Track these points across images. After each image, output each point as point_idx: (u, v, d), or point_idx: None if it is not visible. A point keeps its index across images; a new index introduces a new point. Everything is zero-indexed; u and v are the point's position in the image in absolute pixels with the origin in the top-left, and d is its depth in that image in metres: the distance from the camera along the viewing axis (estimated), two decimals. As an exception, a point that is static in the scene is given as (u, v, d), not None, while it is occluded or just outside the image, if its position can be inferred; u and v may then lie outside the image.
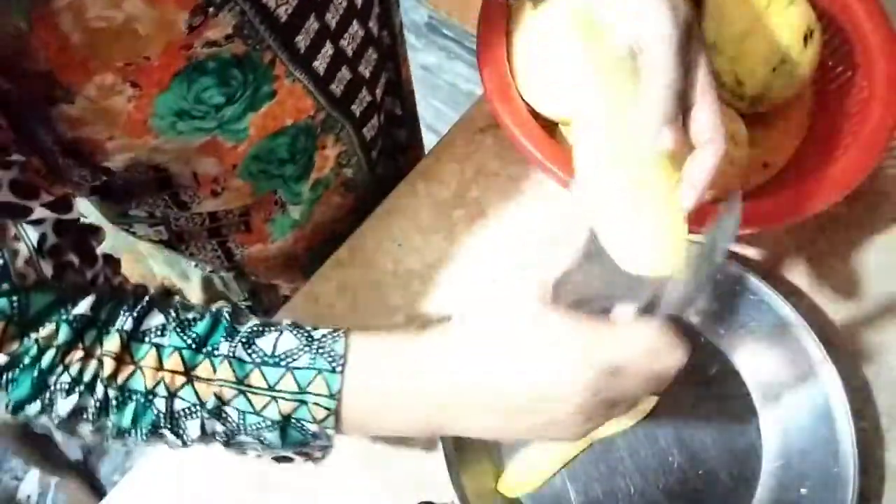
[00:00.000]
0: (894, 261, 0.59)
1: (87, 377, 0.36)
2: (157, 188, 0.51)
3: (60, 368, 0.36)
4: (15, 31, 0.33)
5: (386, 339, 0.40)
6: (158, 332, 0.38)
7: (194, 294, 0.68)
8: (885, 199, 0.61)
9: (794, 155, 0.59)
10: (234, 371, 0.37)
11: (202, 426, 0.38)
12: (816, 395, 0.50)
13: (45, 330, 0.36)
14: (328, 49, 0.49)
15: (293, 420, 0.38)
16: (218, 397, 0.37)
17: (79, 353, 0.36)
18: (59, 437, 1.43)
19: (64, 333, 0.36)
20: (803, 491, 0.49)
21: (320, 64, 0.48)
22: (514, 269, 0.37)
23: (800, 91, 0.53)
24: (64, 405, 0.36)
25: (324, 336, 0.38)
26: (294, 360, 0.38)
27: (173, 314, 0.39)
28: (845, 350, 0.55)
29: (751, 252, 0.59)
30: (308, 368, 0.37)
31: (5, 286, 0.34)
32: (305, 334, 0.39)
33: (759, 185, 0.59)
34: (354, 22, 0.51)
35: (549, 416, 0.36)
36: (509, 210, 0.62)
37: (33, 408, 0.37)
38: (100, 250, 0.41)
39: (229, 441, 0.39)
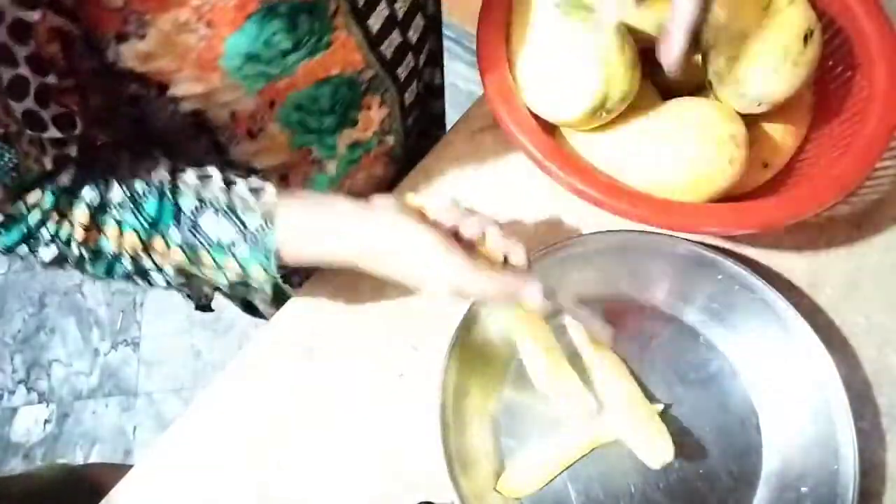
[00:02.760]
0: (894, 261, 0.59)
1: (63, 236, 0.43)
2: (195, 132, 0.52)
3: (42, 225, 0.43)
4: None
5: (307, 215, 0.47)
6: (118, 206, 0.44)
7: None
8: (885, 199, 0.61)
9: (794, 155, 0.59)
10: (185, 254, 0.45)
11: (167, 281, 0.47)
12: (816, 395, 0.50)
13: (34, 196, 0.42)
14: (383, 9, 0.50)
15: (241, 282, 0.48)
16: (175, 267, 0.46)
17: (56, 216, 0.43)
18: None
19: (48, 200, 0.42)
20: (803, 490, 0.49)
21: (374, 23, 0.50)
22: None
23: (800, 91, 0.53)
24: (46, 253, 0.44)
25: (257, 230, 0.45)
26: (234, 247, 0.45)
27: (127, 191, 0.45)
28: (845, 350, 0.55)
29: (751, 252, 0.59)
30: (248, 257, 0.46)
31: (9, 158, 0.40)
32: (240, 223, 0.45)
33: (759, 185, 0.59)
34: None
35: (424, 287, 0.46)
36: (509, 210, 0.62)
37: (21, 250, 0.44)
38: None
39: (191, 286, 0.49)
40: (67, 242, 0.44)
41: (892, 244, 0.59)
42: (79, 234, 0.43)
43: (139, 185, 0.45)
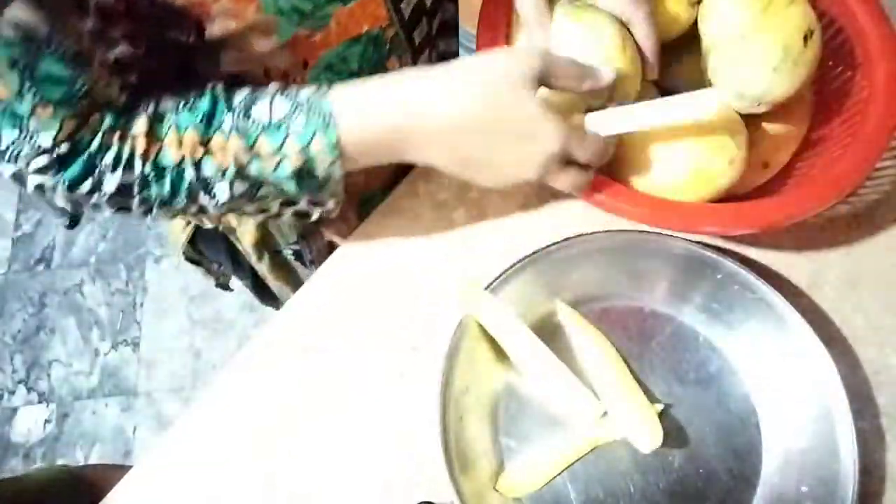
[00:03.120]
0: (894, 261, 0.59)
1: (125, 155, 0.43)
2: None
3: (104, 150, 0.43)
4: None
5: (368, 85, 0.45)
6: (173, 111, 0.44)
7: (248, 232, 0.70)
8: (885, 199, 0.61)
9: (794, 155, 0.59)
10: (242, 142, 0.44)
11: (230, 187, 0.45)
12: (816, 394, 0.50)
13: (95, 118, 0.42)
14: None
15: (305, 171, 0.45)
16: (236, 163, 0.44)
17: (117, 135, 0.43)
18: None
19: (108, 121, 0.42)
20: (804, 489, 0.49)
21: None
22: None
23: (800, 91, 0.53)
24: (110, 182, 0.43)
25: (309, 98, 0.44)
26: (290, 123, 0.44)
27: (181, 98, 0.45)
28: (845, 350, 0.55)
29: (751, 252, 0.59)
30: (304, 129, 0.44)
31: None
32: (293, 97, 0.44)
33: (759, 185, 0.59)
34: None
35: (511, 175, 0.47)
36: (509, 210, 0.62)
37: (85, 186, 0.43)
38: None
39: (254, 196, 0.47)
40: (130, 162, 0.43)
41: (892, 244, 0.59)
42: (140, 146, 0.43)
43: (193, 93, 0.45)
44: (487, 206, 0.62)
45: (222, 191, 0.45)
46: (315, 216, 0.51)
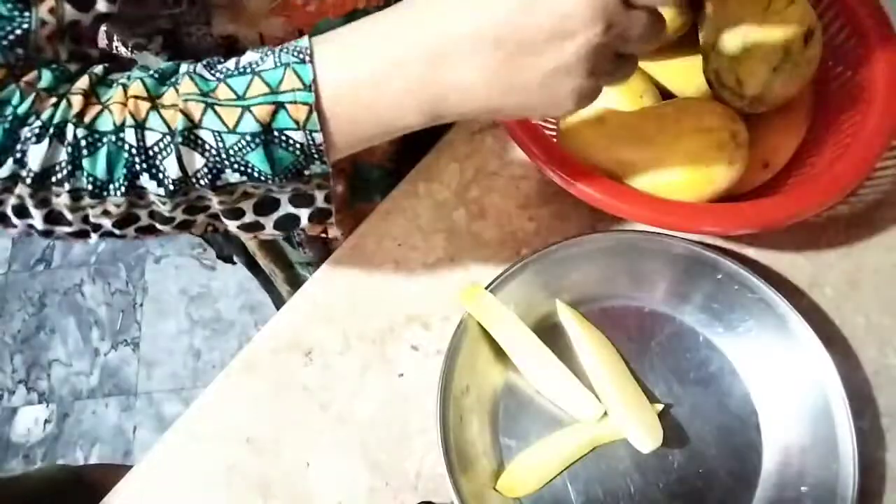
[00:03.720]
0: (894, 261, 0.59)
1: (56, 119, 0.35)
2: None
3: (33, 118, 0.35)
4: None
5: (350, 26, 0.37)
6: (126, 77, 0.37)
7: None
8: (885, 199, 0.61)
9: (794, 155, 0.59)
10: (196, 85, 0.36)
11: (179, 160, 0.36)
12: (816, 394, 0.50)
13: (30, 75, 0.35)
14: None
15: (275, 131, 0.36)
16: (185, 115, 0.35)
17: (52, 100, 0.35)
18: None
19: (46, 79, 0.35)
20: (803, 490, 0.49)
21: None
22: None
23: (800, 91, 0.53)
24: (35, 154, 0.34)
25: (284, 45, 0.37)
26: (259, 65, 0.36)
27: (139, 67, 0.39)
28: (845, 350, 0.55)
29: (751, 252, 0.59)
30: (275, 67, 0.35)
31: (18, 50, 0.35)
32: (265, 50, 0.37)
33: (759, 185, 0.59)
34: None
35: (555, 58, 0.33)
36: (509, 210, 0.62)
37: (5, 168, 0.35)
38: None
39: (216, 181, 0.37)
40: (61, 129, 0.35)
41: (892, 244, 0.59)
42: (76, 104, 0.35)
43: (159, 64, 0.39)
44: (487, 206, 0.62)
45: (170, 166, 0.36)
46: (305, 220, 0.42)
